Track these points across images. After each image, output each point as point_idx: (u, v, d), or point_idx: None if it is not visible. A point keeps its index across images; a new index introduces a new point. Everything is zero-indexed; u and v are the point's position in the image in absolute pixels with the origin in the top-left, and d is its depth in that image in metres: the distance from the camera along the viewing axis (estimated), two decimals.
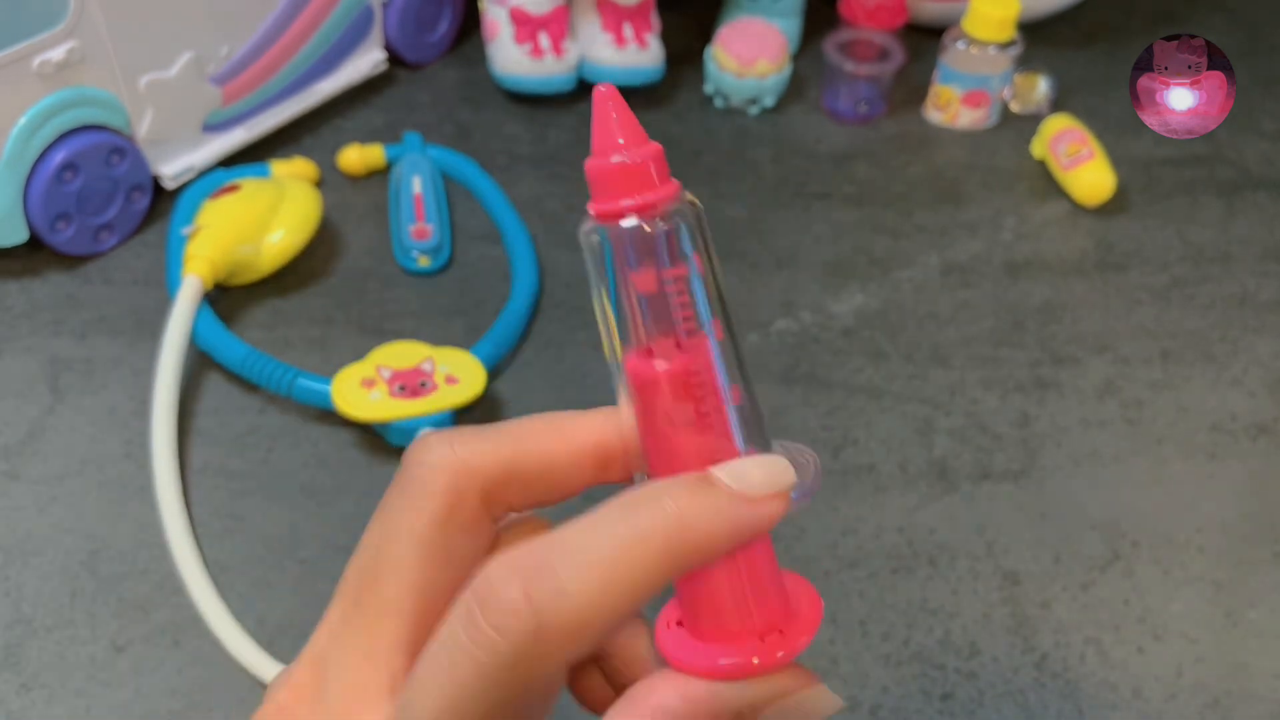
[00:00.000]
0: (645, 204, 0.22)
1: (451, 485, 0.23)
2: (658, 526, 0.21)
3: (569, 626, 0.20)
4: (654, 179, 0.23)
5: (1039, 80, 0.79)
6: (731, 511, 0.22)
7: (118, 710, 0.46)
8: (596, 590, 0.20)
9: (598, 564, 0.20)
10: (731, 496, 0.22)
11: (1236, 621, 0.50)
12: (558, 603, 0.20)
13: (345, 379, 0.55)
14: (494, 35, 0.77)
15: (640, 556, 0.21)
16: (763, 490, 0.22)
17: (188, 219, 0.64)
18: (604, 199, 0.23)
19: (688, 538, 0.21)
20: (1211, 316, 0.65)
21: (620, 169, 0.22)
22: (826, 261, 0.68)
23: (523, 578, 0.20)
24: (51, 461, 0.55)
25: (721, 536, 0.22)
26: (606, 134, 0.23)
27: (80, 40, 0.60)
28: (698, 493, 0.22)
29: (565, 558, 0.20)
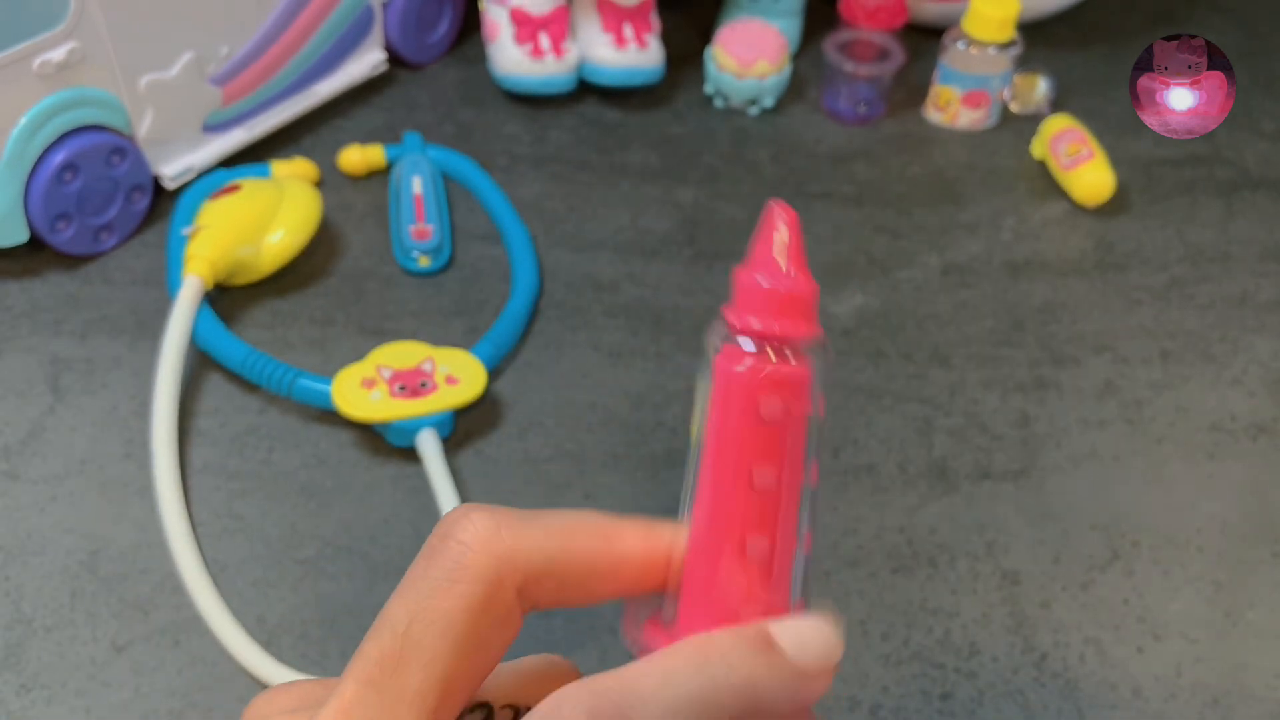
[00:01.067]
0: (791, 337, 0.23)
1: (493, 574, 0.22)
2: (729, 692, 0.21)
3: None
4: (809, 315, 0.23)
5: (1039, 80, 0.79)
6: (795, 687, 0.22)
7: (118, 710, 0.46)
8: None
9: (659, 704, 0.21)
10: (795, 672, 0.22)
11: (1236, 621, 0.50)
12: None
13: (345, 379, 0.55)
14: (494, 36, 0.77)
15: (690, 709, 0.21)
16: (819, 664, 0.22)
17: (188, 219, 0.64)
18: (752, 316, 0.23)
19: (755, 708, 0.21)
20: (1211, 316, 0.65)
21: (784, 293, 0.23)
22: (826, 261, 0.68)
23: (597, 707, 0.20)
24: (51, 461, 0.55)
25: (781, 711, 0.22)
26: (772, 251, 0.23)
27: (80, 41, 0.60)
28: (763, 659, 0.22)
29: (643, 708, 0.21)
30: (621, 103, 0.79)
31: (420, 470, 0.54)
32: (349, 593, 0.50)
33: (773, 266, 0.23)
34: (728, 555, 0.23)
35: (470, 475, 0.55)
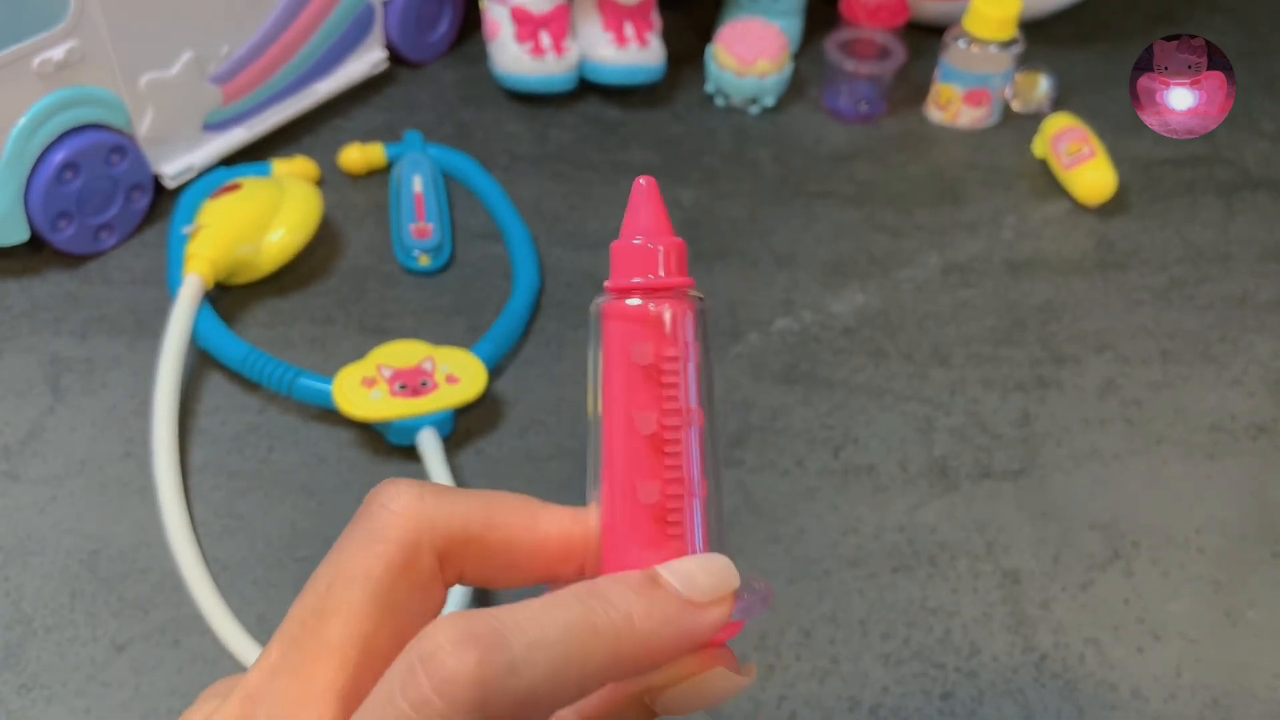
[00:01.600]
0: (653, 286, 0.24)
1: (412, 536, 0.23)
2: (608, 623, 0.21)
3: (512, 706, 0.20)
4: (668, 267, 0.24)
5: (1040, 79, 0.79)
6: (678, 619, 0.22)
7: (118, 710, 0.46)
8: (543, 675, 0.20)
9: (549, 648, 0.20)
10: (679, 603, 0.22)
11: (1236, 621, 0.50)
12: (506, 680, 0.20)
13: (346, 378, 0.55)
14: (495, 34, 0.77)
15: (590, 650, 0.21)
16: (707, 596, 0.23)
17: (188, 218, 0.64)
18: (618, 276, 0.24)
19: (635, 640, 0.22)
20: (1211, 316, 0.65)
21: (639, 250, 0.24)
22: (827, 261, 0.68)
23: (476, 646, 0.20)
24: (52, 461, 0.55)
25: (666, 643, 0.22)
26: (634, 221, 0.25)
27: (80, 40, 0.60)
28: (646, 595, 0.22)
29: (519, 635, 0.20)
30: (622, 101, 0.79)
31: (420, 470, 0.54)
32: None
33: (634, 232, 0.24)
34: (622, 505, 0.24)
35: (470, 474, 0.55)
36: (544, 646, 0.20)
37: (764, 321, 0.63)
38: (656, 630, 0.22)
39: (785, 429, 0.58)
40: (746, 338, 0.62)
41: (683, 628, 0.22)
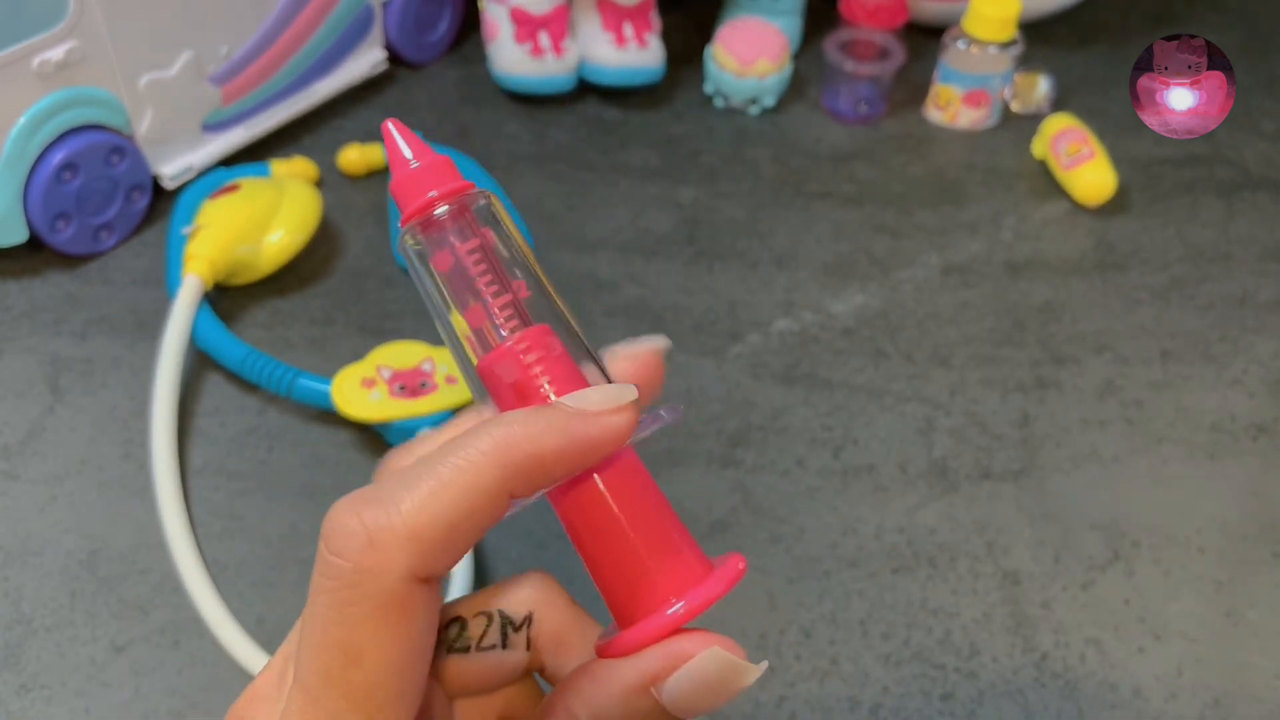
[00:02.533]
0: (427, 204, 0.25)
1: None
2: (488, 440, 0.22)
3: (399, 536, 0.21)
4: (437, 184, 0.25)
5: (1039, 80, 0.79)
6: (565, 423, 0.22)
7: (117, 710, 0.46)
8: (422, 499, 0.21)
9: (427, 479, 0.21)
10: (566, 411, 0.22)
11: (1236, 621, 0.50)
12: (388, 517, 0.21)
13: (345, 379, 0.55)
14: (494, 35, 0.77)
15: (470, 467, 0.21)
16: (599, 407, 0.23)
17: (188, 219, 0.64)
18: (403, 207, 0.26)
19: (519, 447, 0.22)
20: (1211, 316, 0.65)
21: (407, 179, 0.25)
22: (827, 261, 0.68)
23: (356, 506, 0.21)
24: (51, 461, 0.55)
25: (555, 446, 0.22)
26: (396, 157, 0.26)
27: (80, 40, 0.60)
28: (531, 413, 0.22)
29: (397, 482, 0.21)
30: (621, 102, 0.79)
31: None
32: None
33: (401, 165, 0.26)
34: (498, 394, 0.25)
35: None
36: (421, 480, 0.21)
37: (764, 322, 0.63)
38: (540, 436, 0.22)
39: (785, 429, 0.58)
40: (746, 338, 0.62)
41: (572, 432, 0.22)
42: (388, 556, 0.21)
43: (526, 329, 0.25)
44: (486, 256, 0.25)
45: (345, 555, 0.21)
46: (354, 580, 0.21)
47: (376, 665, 0.21)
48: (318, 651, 0.21)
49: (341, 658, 0.21)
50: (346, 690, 0.21)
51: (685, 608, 0.23)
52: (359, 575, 0.21)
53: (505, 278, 0.25)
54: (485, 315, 0.25)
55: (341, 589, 0.21)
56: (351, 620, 0.21)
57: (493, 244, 0.26)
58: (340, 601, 0.21)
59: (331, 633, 0.21)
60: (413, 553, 0.21)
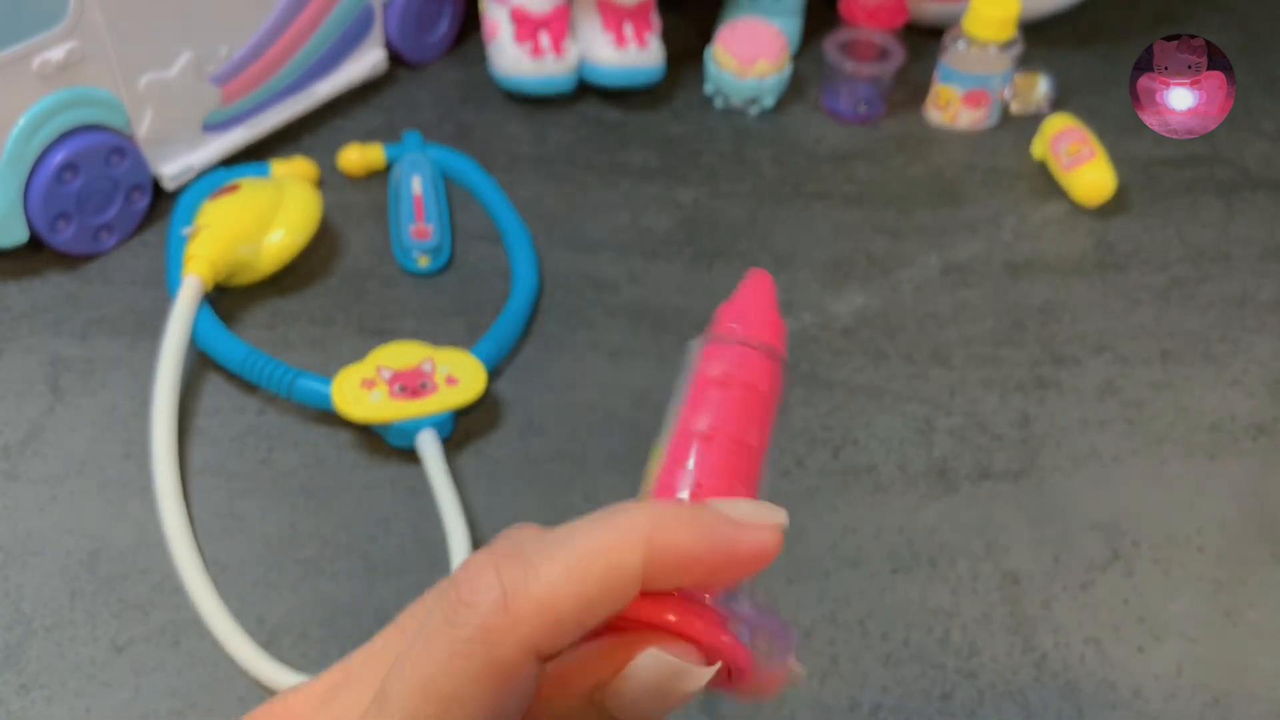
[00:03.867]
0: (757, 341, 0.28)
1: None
2: (633, 524, 0.21)
3: (534, 602, 0.20)
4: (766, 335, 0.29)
5: (1039, 80, 0.79)
6: (715, 526, 0.22)
7: (118, 710, 0.46)
8: (561, 570, 0.21)
9: (569, 549, 0.21)
10: (717, 515, 0.22)
11: (1236, 621, 0.50)
12: (525, 579, 0.20)
13: (345, 379, 0.55)
14: (494, 35, 0.77)
15: (615, 547, 0.21)
16: (749, 518, 0.23)
17: (188, 219, 0.64)
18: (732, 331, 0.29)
19: (666, 538, 0.21)
20: (1211, 316, 0.65)
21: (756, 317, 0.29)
22: (826, 261, 0.68)
23: (496, 560, 0.21)
24: (51, 461, 0.55)
25: (702, 546, 0.22)
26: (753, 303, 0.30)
27: (80, 40, 0.60)
28: (683, 506, 0.22)
29: (539, 546, 0.21)
30: (621, 102, 0.79)
31: (420, 471, 0.54)
32: (349, 593, 0.50)
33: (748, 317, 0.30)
34: None
35: (470, 476, 0.55)
36: (563, 548, 0.21)
37: None
38: (685, 531, 0.22)
39: (784, 429, 0.58)
40: None
41: (715, 535, 0.22)
42: (517, 622, 0.20)
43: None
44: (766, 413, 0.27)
45: (475, 609, 0.20)
46: (477, 635, 0.20)
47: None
48: (416, 695, 0.21)
49: (439, 706, 0.21)
50: None
51: (673, 618, 0.22)
52: (484, 632, 0.20)
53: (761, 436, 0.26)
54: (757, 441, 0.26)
55: (461, 641, 0.20)
56: (460, 673, 0.20)
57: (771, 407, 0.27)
58: (455, 652, 0.20)
59: (438, 680, 0.21)
60: (540, 625, 0.20)
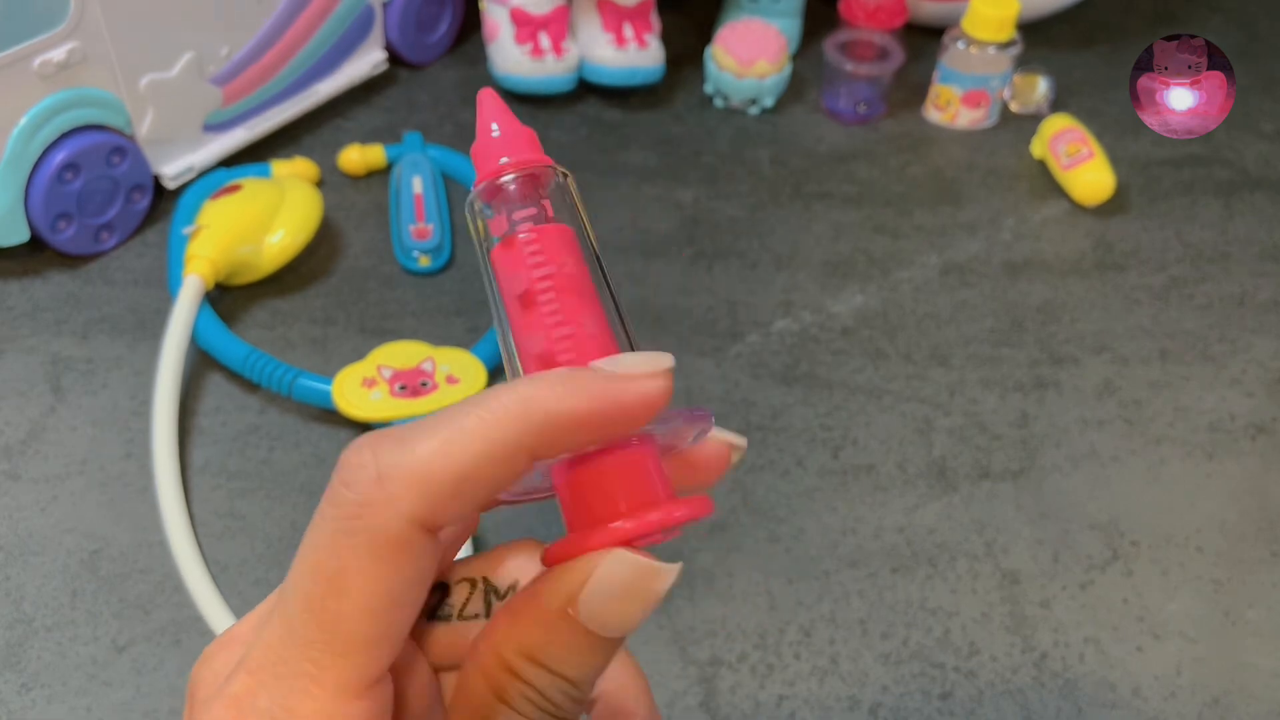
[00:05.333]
0: (499, 170, 0.25)
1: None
2: (514, 395, 0.21)
3: (409, 477, 0.20)
4: (519, 155, 0.26)
5: (1038, 80, 0.79)
6: (597, 387, 0.21)
7: (118, 710, 0.46)
8: (438, 444, 0.20)
9: (447, 426, 0.21)
10: (601, 375, 0.21)
11: (1236, 621, 0.51)
12: (400, 456, 0.20)
13: (346, 379, 0.55)
14: (494, 36, 0.77)
15: (492, 420, 0.21)
16: (632, 369, 0.22)
17: (189, 219, 0.64)
18: (480, 172, 0.26)
19: (546, 406, 0.21)
20: (1210, 316, 0.65)
21: (487, 147, 0.26)
22: (826, 261, 0.68)
23: (372, 442, 0.21)
24: (52, 461, 0.55)
25: (585, 409, 0.21)
26: (482, 125, 0.26)
27: (81, 41, 0.60)
28: (563, 374, 0.21)
29: (418, 426, 0.21)
30: (621, 102, 0.79)
31: None
32: None
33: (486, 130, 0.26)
34: (528, 366, 0.24)
35: None
36: (438, 427, 0.21)
37: (763, 322, 0.64)
38: (565, 395, 0.21)
39: (785, 429, 0.58)
40: (746, 338, 0.62)
41: (598, 393, 0.21)
42: (394, 494, 0.20)
43: (544, 227, 0.24)
44: (537, 220, 0.25)
45: (352, 487, 0.20)
46: (356, 512, 0.20)
47: (360, 601, 0.21)
48: (305, 577, 0.21)
49: (327, 586, 0.21)
50: (325, 620, 0.21)
51: (630, 523, 0.22)
52: (361, 508, 0.20)
53: (541, 212, 0.25)
54: (506, 223, 0.25)
55: (342, 519, 0.21)
56: (345, 551, 0.21)
57: (549, 214, 0.25)
58: (338, 530, 0.21)
59: (324, 560, 0.21)
60: (420, 495, 0.20)
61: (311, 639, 0.21)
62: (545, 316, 0.24)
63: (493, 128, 0.26)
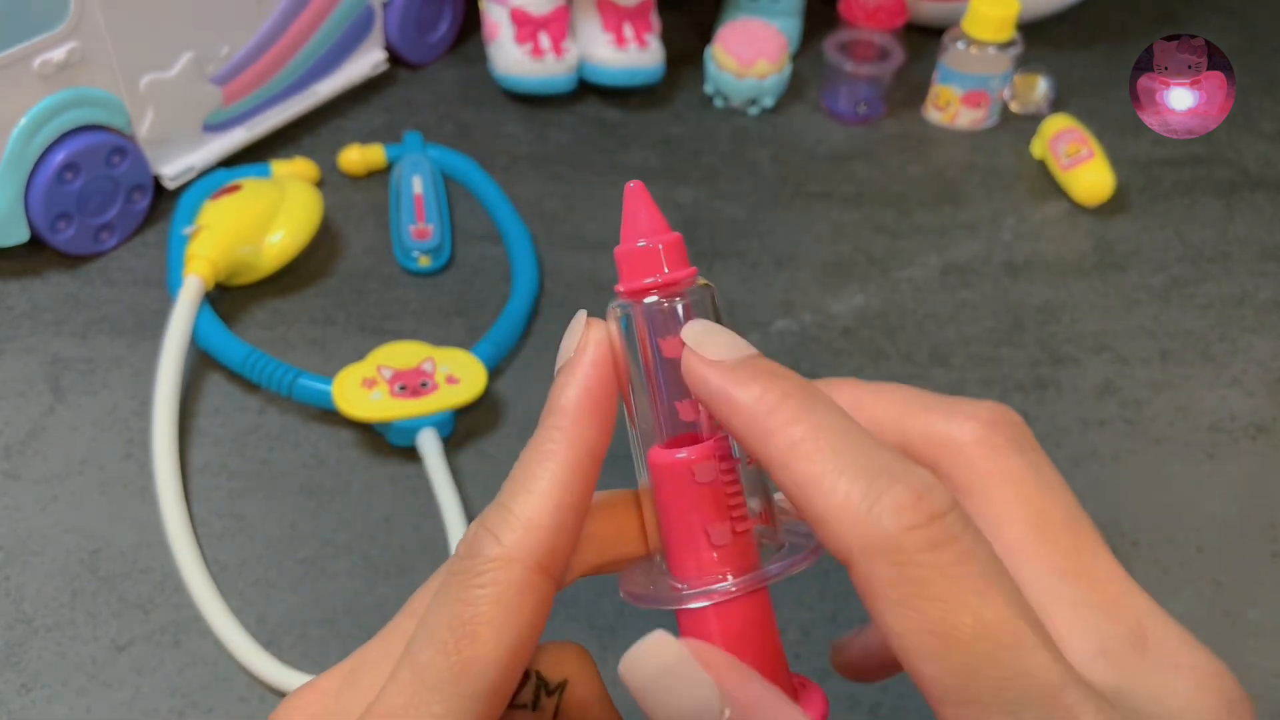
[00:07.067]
0: (665, 282, 0.26)
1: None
2: (552, 421, 0.25)
3: (518, 527, 0.23)
4: (674, 263, 0.26)
5: (1039, 80, 0.79)
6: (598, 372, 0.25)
7: (118, 710, 0.46)
8: (526, 492, 0.24)
9: (520, 475, 0.24)
10: None
11: (1236, 621, 0.50)
12: (505, 517, 0.23)
13: (346, 379, 0.55)
14: (494, 36, 0.77)
15: (547, 450, 0.25)
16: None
17: (189, 219, 0.64)
18: (629, 279, 0.26)
19: (582, 405, 0.25)
20: (1210, 316, 0.65)
21: (644, 252, 0.26)
22: (826, 261, 0.68)
23: (480, 519, 0.24)
24: (52, 461, 0.55)
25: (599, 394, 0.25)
26: (634, 224, 0.26)
27: (81, 41, 0.60)
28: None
29: (505, 491, 0.24)
30: (621, 102, 0.79)
31: (420, 470, 0.54)
32: (349, 592, 0.50)
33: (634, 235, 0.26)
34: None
35: (470, 475, 0.55)
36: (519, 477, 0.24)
37: (763, 322, 0.64)
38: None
39: None
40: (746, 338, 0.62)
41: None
42: (511, 545, 0.23)
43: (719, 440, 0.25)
44: None
45: (476, 553, 0.23)
46: (483, 568, 0.23)
47: (490, 644, 0.22)
48: (440, 627, 0.23)
49: (460, 630, 0.22)
50: (456, 664, 0.22)
51: None
52: (489, 563, 0.23)
53: None
54: (697, 410, 0.25)
55: (471, 575, 0.23)
56: (479, 602, 0.22)
57: None
58: (471, 585, 0.23)
59: (459, 611, 0.23)
60: (530, 540, 0.23)
61: (442, 682, 0.22)
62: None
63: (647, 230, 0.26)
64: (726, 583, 0.24)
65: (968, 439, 0.26)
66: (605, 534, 0.26)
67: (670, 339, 0.25)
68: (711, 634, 0.24)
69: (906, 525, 0.20)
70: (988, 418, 0.27)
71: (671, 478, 0.25)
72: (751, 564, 0.25)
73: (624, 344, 0.25)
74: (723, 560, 0.24)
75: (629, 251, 0.26)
